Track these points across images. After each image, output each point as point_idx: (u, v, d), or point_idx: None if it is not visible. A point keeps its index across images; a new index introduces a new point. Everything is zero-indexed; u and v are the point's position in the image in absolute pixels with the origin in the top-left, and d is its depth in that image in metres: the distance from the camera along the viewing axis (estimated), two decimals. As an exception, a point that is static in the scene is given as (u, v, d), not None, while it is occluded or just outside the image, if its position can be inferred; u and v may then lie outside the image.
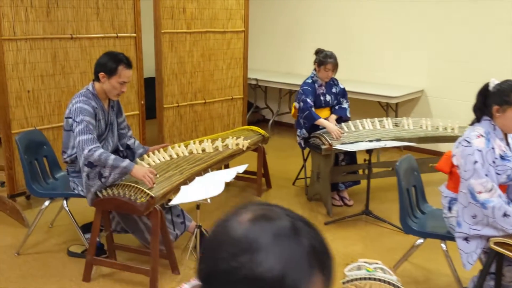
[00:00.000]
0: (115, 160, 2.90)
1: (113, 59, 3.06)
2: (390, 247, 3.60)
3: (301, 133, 4.29)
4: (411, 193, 3.10)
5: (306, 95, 4.20)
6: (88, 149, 2.88)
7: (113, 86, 3.08)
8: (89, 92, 3.11)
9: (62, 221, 3.85)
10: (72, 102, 3.05)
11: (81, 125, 2.94)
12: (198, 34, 5.06)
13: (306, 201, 4.41)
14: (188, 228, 3.42)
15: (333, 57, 4.19)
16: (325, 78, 4.27)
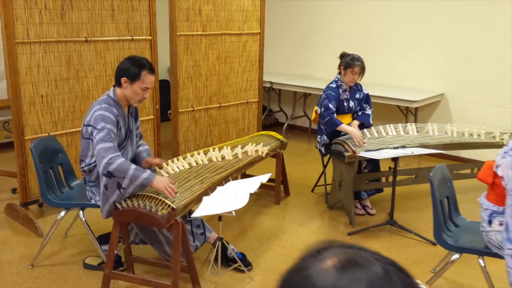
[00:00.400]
0: (135, 170, 2.78)
1: (136, 64, 2.94)
2: (418, 259, 3.45)
3: (322, 139, 4.15)
4: (444, 204, 2.95)
5: (329, 100, 4.06)
6: (108, 157, 2.75)
7: (135, 92, 2.96)
8: (110, 98, 2.98)
9: (76, 230, 3.73)
10: (93, 109, 2.93)
11: (102, 132, 2.82)
12: (213, 36, 4.92)
13: (326, 210, 4.26)
14: (208, 240, 3.29)
15: (360, 60, 4.05)
16: (351, 82, 4.13)
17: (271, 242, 3.65)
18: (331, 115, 3.98)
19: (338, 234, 3.80)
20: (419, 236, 3.73)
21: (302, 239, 3.70)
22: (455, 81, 5.55)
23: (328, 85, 4.20)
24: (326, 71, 6.48)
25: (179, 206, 2.80)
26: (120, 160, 2.77)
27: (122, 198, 2.84)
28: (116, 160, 2.76)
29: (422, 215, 4.18)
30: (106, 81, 4.15)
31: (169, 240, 3.07)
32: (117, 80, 2.98)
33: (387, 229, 3.90)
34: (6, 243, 3.56)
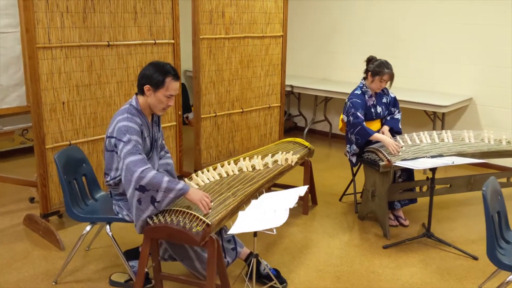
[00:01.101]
0: (169, 182, 2.61)
1: (159, 71, 2.76)
2: (460, 275, 3.26)
3: (352, 149, 3.97)
4: (495, 220, 2.76)
5: (356, 108, 3.88)
6: (139, 171, 2.59)
7: (160, 100, 2.79)
8: (133, 108, 2.82)
9: (99, 243, 3.57)
10: (116, 120, 2.76)
11: (129, 145, 2.66)
12: (236, 39, 4.76)
13: (356, 220, 4.08)
14: (240, 255, 3.12)
15: (389, 67, 3.88)
16: (377, 89, 3.96)
17: (303, 256, 3.47)
18: (362, 124, 3.81)
19: (373, 247, 3.61)
20: (459, 250, 3.55)
21: (335, 253, 3.52)
22: (484, 85, 5.35)
23: (353, 91, 4.02)
24: (347, 74, 6.31)
25: (213, 221, 2.63)
26: (151, 173, 2.61)
27: (156, 213, 2.68)
28: (148, 173, 2.60)
29: (455, 226, 4.00)
30: (128, 87, 4.00)
31: (200, 256, 2.90)
32: (140, 88, 2.81)
33: (423, 241, 3.72)
34: (27, 257, 3.40)
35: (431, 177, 3.60)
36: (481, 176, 4.20)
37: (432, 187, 3.61)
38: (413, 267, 3.35)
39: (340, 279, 3.19)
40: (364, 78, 4.02)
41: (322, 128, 6.67)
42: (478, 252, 3.56)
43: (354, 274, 3.26)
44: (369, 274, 3.26)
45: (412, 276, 3.25)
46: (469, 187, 4.15)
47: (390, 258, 3.47)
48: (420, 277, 3.24)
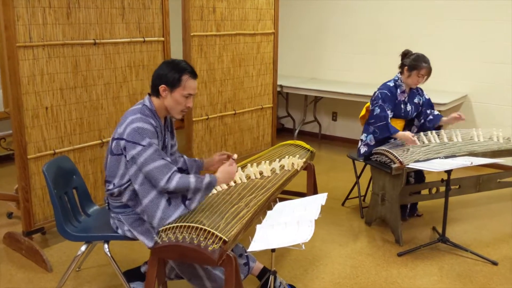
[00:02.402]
0: (196, 182, 2.45)
1: (175, 68, 2.50)
2: (483, 283, 3.07)
3: (368, 138, 3.78)
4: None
5: (384, 101, 3.67)
6: (166, 178, 2.38)
7: (177, 100, 2.51)
8: (146, 108, 2.52)
9: (91, 262, 3.24)
10: (127, 121, 2.45)
11: (150, 149, 2.39)
12: (228, 37, 4.48)
13: (363, 226, 3.86)
14: (252, 271, 2.85)
15: (427, 61, 3.66)
16: (414, 84, 3.75)
17: (316, 268, 3.22)
18: (387, 120, 3.62)
19: (387, 255, 3.40)
20: (476, 254, 3.37)
21: (349, 263, 3.29)
22: (480, 82, 5.23)
23: (385, 82, 3.80)
24: (336, 73, 6.12)
25: (230, 237, 2.35)
26: (177, 177, 2.41)
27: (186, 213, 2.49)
28: (174, 178, 2.40)
29: (468, 229, 3.83)
30: (117, 89, 3.67)
31: (210, 275, 2.62)
32: (154, 89, 2.53)
33: (437, 247, 3.52)
34: (11, 281, 3.04)
35: (446, 178, 3.41)
36: (489, 176, 4.05)
37: (448, 189, 3.42)
38: (433, 276, 3.15)
39: (359, 293, 2.96)
40: (400, 73, 3.79)
41: (311, 129, 6.44)
42: (495, 256, 3.39)
43: (373, 286, 3.03)
44: (389, 285, 3.03)
45: (434, 285, 3.04)
46: (478, 188, 3.99)
47: (407, 266, 3.26)
48: (442, 286, 3.03)
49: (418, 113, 3.90)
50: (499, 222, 3.97)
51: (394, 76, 3.80)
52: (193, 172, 2.87)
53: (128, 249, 3.40)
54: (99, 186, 3.70)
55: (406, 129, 3.93)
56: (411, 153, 3.54)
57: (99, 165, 3.66)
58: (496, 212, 4.16)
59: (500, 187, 4.13)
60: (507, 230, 3.83)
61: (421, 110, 3.90)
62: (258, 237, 2.37)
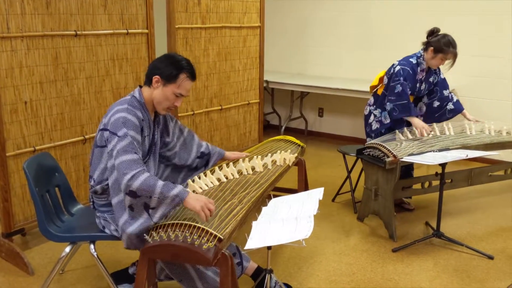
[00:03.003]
0: (164, 186, 2.19)
1: (175, 64, 2.38)
2: (481, 278, 3.01)
3: (383, 115, 3.72)
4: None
5: (405, 79, 3.57)
6: (131, 174, 2.16)
7: (167, 96, 2.38)
8: (135, 99, 2.39)
9: (75, 264, 3.09)
10: (112, 111, 2.33)
11: (124, 140, 2.23)
12: (213, 29, 4.35)
13: (355, 221, 3.78)
14: (246, 270, 2.74)
15: (455, 45, 3.54)
16: (436, 66, 3.66)
17: (311, 266, 3.12)
18: (409, 101, 3.57)
19: (381, 251, 3.31)
20: (472, 249, 3.31)
21: (344, 260, 3.19)
22: (466, 76, 5.19)
23: (408, 58, 3.67)
24: (322, 68, 6.03)
25: (225, 235, 2.23)
26: (144, 175, 2.18)
27: (150, 223, 2.24)
28: (140, 176, 2.17)
29: (461, 223, 3.78)
30: (99, 83, 3.51)
31: (202, 275, 2.49)
32: (148, 77, 2.41)
33: (432, 242, 3.45)
34: (-11, 286, 2.87)
35: (441, 172, 3.34)
36: (480, 169, 4.00)
37: (442, 183, 3.35)
38: (430, 271, 3.07)
39: (356, 290, 2.87)
40: (423, 50, 3.68)
41: (297, 125, 6.35)
42: (491, 250, 3.34)
43: (370, 283, 2.94)
44: (386, 282, 2.95)
45: (431, 281, 2.96)
46: (470, 181, 3.94)
47: (403, 262, 3.18)
48: (440, 282, 2.96)
49: (429, 91, 3.83)
50: (491, 216, 3.92)
51: (417, 52, 3.69)
52: (214, 159, 2.83)
53: (113, 249, 3.25)
54: (82, 185, 3.54)
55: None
56: (405, 146, 3.47)
57: (82, 162, 3.50)
58: (487, 206, 4.12)
59: (491, 181, 4.09)
60: (499, 223, 3.79)
61: (433, 89, 3.82)
62: (255, 234, 2.25)
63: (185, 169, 2.83)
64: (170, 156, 2.71)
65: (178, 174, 2.82)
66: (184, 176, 2.83)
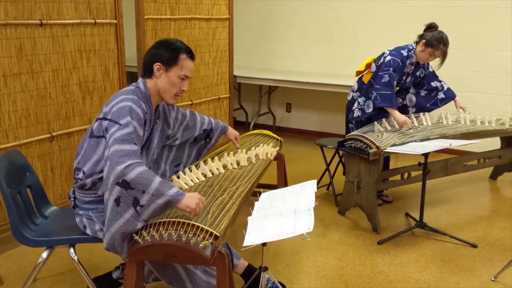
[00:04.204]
0: (161, 184, 2.02)
1: (171, 46, 2.25)
2: (469, 266, 3.00)
3: (366, 104, 3.67)
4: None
5: (395, 70, 3.52)
6: (126, 163, 1.98)
7: (172, 81, 2.24)
8: (139, 91, 2.23)
9: (47, 271, 2.86)
10: (116, 99, 2.16)
11: (125, 129, 2.05)
12: (183, 21, 4.19)
13: (335, 215, 3.71)
14: (237, 269, 2.61)
15: (447, 44, 3.51)
16: (423, 60, 3.63)
17: (299, 262, 3.02)
18: (394, 93, 3.53)
19: (367, 244, 3.26)
20: (456, 238, 3.30)
21: (331, 255, 3.11)
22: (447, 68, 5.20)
23: (399, 49, 3.62)
24: (288, 63, 5.96)
25: (220, 232, 2.09)
26: (142, 168, 2.01)
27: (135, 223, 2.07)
28: (137, 168, 2.00)
29: (439, 214, 3.78)
30: (66, 76, 3.28)
31: (192, 276, 2.34)
32: (147, 68, 2.26)
33: (415, 233, 3.43)
34: (-48, 299, 2.61)
35: (424, 162, 3.32)
36: (456, 159, 4.03)
37: (425, 173, 3.34)
38: (418, 262, 3.04)
39: (348, 285, 2.78)
40: (415, 43, 3.64)
41: (264, 121, 6.25)
42: (473, 239, 3.35)
43: (360, 277, 2.87)
44: (377, 275, 2.89)
45: (421, 272, 2.93)
46: (446, 172, 3.96)
47: (390, 254, 3.13)
48: (430, 272, 2.92)
49: (416, 83, 3.82)
50: (468, 205, 3.95)
51: (409, 44, 3.65)
52: (218, 133, 2.82)
53: (88, 253, 3.04)
54: (50, 186, 3.30)
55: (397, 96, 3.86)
56: (386, 137, 3.43)
57: (49, 162, 3.27)
58: (463, 196, 4.16)
59: (466, 170, 4.13)
60: (477, 212, 3.82)
61: (420, 82, 3.81)
62: (252, 230, 2.13)
63: (187, 144, 2.75)
64: (173, 142, 2.63)
65: (182, 153, 2.74)
66: (188, 153, 2.78)
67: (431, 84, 3.81)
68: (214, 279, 2.35)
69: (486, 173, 4.60)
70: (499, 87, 4.96)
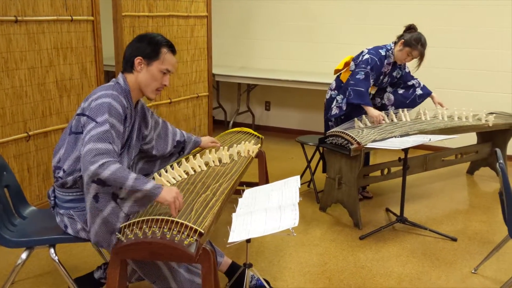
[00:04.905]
0: (136, 180, 1.99)
1: (152, 40, 2.22)
2: (450, 259, 3.04)
3: (343, 101, 3.67)
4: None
5: (372, 69, 3.55)
6: (100, 163, 1.94)
7: (154, 75, 2.21)
8: (119, 86, 2.19)
9: (25, 273, 2.79)
10: (95, 95, 2.11)
11: (102, 127, 2.01)
12: (161, 18, 4.14)
13: (317, 211, 3.72)
14: (220, 266, 2.58)
15: (424, 45, 3.55)
16: (400, 60, 3.65)
17: (282, 258, 3.02)
18: (367, 91, 3.55)
19: (349, 240, 3.27)
20: (436, 232, 3.34)
21: (314, 251, 3.12)
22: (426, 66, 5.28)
23: (377, 49, 3.65)
24: (267, 61, 5.95)
25: (205, 228, 2.07)
26: (115, 165, 1.97)
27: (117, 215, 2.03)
28: (111, 166, 1.96)
29: (418, 208, 3.83)
30: (42, 74, 3.22)
31: (176, 274, 2.31)
32: (128, 62, 2.22)
33: (395, 227, 3.46)
34: None
35: (404, 157, 3.36)
36: (434, 155, 4.08)
37: (406, 168, 3.37)
38: (400, 257, 3.06)
39: (331, 280, 2.79)
40: (394, 43, 3.67)
41: (244, 120, 6.23)
42: (452, 232, 3.40)
43: (343, 272, 2.88)
44: (360, 270, 2.90)
45: (403, 266, 2.95)
46: (425, 167, 4.00)
47: (371, 249, 3.15)
48: (412, 266, 2.95)
49: (392, 83, 3.86)
50: (446, 200, 4.01)
51: (387, 44, 3.68)
52: (190, 147, 2.69)
53: (66, 254, 2.98)
54: (26, 186, 3.23)
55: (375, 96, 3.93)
56: (366, 133, 3.45)
57: (25, 162, 3.19)
58: (441, 191, 4.21)
59: (444, 166, 4.18)
60: (455, 206, 3.88)
61: (396, 82, 3.85)
62: (236, 226, 2.11)
63: (160, 158, 2.64)
64: (148, 149, 2.52)
65: (154, 164, 2.62)
66: (160, 164, 2.64)
67: (407, 83, 3.88)
68: (197, 277, 2.33)
69: (463, 168, 4.68)
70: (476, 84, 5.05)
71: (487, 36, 4.92)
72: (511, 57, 4.88)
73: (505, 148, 4.33)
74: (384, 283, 2.76)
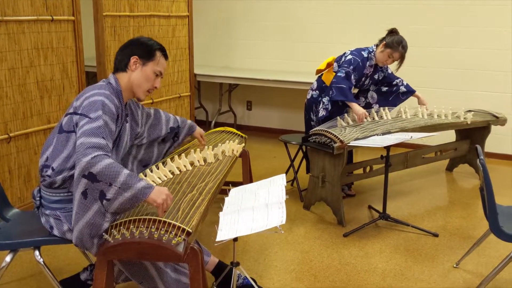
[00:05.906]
0: (128, 177, 1.97)
1: (146, 43, 2.26)
2: (432, 255, 3.09)
3: (329, 104, 3.71)
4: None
5: (354, 70, 3.60)
6: (92, 155, 1.92)
7: (147, 76, 2.23)
8: (111, 86, 2.18)
9: (9, 276, 2.75)
10: (87, 94, 2.11)
11: (95, 122, 2.01)
12: (142, 18, 4.12)
13: (300, 210, 3.75)
14: (207, 266, 2.59)
15: (406, 48, 3.61)
16: (381, 62, 3.71)
17: (267, 257, 3.03)
18: (349, 87, 3.57)
19: (333, 237, 3.30)
20: (418, 228, 3.40)
21: (299, 249, 3.14)
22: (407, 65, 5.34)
23: (360, 50, 3.70)
24: (249, 61, 5.97)
25: (192, 228, 2.07)
26: (109, 160, 1.96)
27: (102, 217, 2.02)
28: (104, 159, 1.94)
29: (399, 205, 3.89)
30: (23, 75, 3.17)
31: (162, 274, 2.31)
32: (122, 62, 2.23)
33: (378, 224, 3.51)
34: None
35: (386, 155, 3.40)
36: (415, 152, 4.15)
37: (388, 165, 3.42)
38: (384, 253, 3.11)
39: (317, 278, 2.81)
40: (376, 45, 3.72)
41: (225, 119, 6.22)
42: (433, 228, 3.46)
43: (329, 269, 2.90)
44: (345, 266, 2.94)
45: (387, 262, 3.00)
46: (406, 164, 4.07)
47: (356, 246, 3.19)
48: (395, 262, 3.00)
49: (374, 83, 3.91)
50: (426, 196, 4.07)
51: (369, 47, 3.74)
52: (185, 131, 2.74)
53: (50, 257, 2.94)
54: (8, 189, 3.18)
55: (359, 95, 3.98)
56: (349, 132, 3.49)
57: (6, 164, 3.15)
58: (421, 188, 4.28)
59: (424, 163, 4.25)
60: (435, 203, 3.95)
61: (378, 82, 3.91)
62: (224, 225, 2.12)
63: (155, 144, 2.69)
64: (143, 141, 2.57)
65: (152, 154, 2.69)
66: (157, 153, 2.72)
67: (391, 83, 3.94)
68: (184, 277, 2.33)
69: (443, 165, 4.76)
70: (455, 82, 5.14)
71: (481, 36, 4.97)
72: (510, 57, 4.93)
73: (483, 145, 4.42)
74: (369, 279, 2.80)
